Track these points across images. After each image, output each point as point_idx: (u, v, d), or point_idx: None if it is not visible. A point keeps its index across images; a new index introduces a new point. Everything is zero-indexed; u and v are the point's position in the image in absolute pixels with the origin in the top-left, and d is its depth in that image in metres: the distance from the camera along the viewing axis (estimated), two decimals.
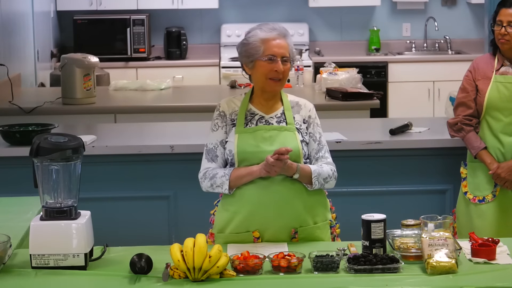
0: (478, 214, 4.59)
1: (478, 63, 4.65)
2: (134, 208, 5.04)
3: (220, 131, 3.71)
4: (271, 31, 3.66)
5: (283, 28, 3.70)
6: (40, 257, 3.26)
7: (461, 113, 4.64)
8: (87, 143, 4.77)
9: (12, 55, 7.45)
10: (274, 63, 3.64)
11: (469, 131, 4.61)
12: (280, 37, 3.66)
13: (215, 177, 3.66)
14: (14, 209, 4.09)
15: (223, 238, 3.68)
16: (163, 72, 8.96)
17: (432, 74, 9.20)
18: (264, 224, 3.63)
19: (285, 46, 3.66)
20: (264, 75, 3.65)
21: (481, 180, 4.61)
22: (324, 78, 6.78)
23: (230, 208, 3.69)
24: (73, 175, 3.33)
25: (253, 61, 3.66)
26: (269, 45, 3.64)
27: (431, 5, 9.73)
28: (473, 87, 4.62)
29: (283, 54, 3.65)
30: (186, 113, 6.30)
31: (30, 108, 6.23)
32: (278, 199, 3.62)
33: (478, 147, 4.57)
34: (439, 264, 3.19)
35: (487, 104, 4.55)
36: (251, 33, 3.69)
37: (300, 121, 3.73)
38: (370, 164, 5.07)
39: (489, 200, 4.57)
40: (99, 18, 9.28)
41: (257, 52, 3.64)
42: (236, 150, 3.64)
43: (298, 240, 3.65)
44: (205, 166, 3.71)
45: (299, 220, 3.66)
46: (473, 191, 4.63)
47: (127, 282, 3.18)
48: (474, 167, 4.64)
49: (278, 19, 9.40)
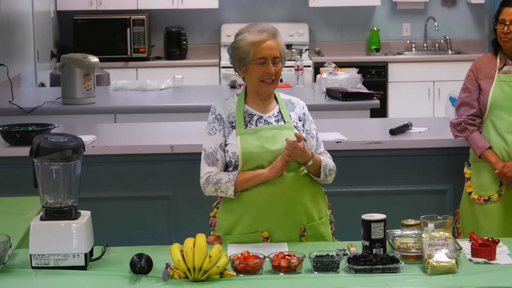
0: (483, 214, 4.56)
1: (480, 63, 4.64)
2: (134, 208, 5.04)
3: (218, 135, 3.69)
4: (260, 34, 3.62)
5: (272, 27, 3.67)
6: (40, 257, 3.26)
7: (464, 113, 4.62)
8: (87, 143, 4.76)
9: (12, 55, 7.45)
10: (266, 65, 3.62)
11: (473, 131, 4.59)
12: (269, 38, 3.63)
13: (219, 182, 3.63)
14: (14, 209, 4.09)
15: (231, 239, 3.67)
16: (163, 72, 8.96)
17: (432, 74, 9.20)
18: (273, 223, 3.63)
19: (275, 46, 3.64)
20: (257, 78, 3.65)
21: (486, 179, 4.58)
22: (324, 78, 6.78)
23: (237, 210, 3.67)
24: (73, 175, 3.33)
25: (245, 64, 3.65)
26: (259, 48, 3.62)
27: (431, 5, 9.73)
28: (476, 86, 4.61)
29: (273, 55, 3.63)
30: (186, 113, 6.30)
31: (30, 108, 6.23)
32: (286, 197, 3.62)
33: (482, 147, 4.54)
34: (439, 264, 3.19)
35: (491, 103, 4.54)
36: (240, 36, 3.66)
37: (296, 119, 3.73)
38: (370, 164, 5.07)
39: (495, 199, 4.55)
40: (99, 18, 9.28)
41: (247, 56, 3.62)
42: (240, 152, 3.63)
43: (307, 239, 3.66)
44: (206, 170, 3.68)
45: (307, 216, 3.67)
46: (478, 191, 4.60)
47: (127, 282, 3.18)
48: (478, 167, 4.61)
49: (278, 19, 9.42)
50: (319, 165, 3.66)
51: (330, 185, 3.85)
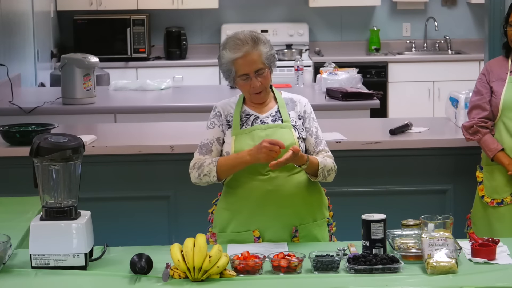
0: (497, 218, 4.52)
1: (492, 66, 4.62)
2: (134, 208, 5.04)
3: (217, 129, 3.70)
4: (238, 49, 3.56)
5: (251, 36, 3.59)
6: (40, 257, 3.26)
7: (476, 115, 4.58)
8: (87, 143, 4.76)
9: (12, 55, 7.45)
10: (249, 80, 3.61)
11: (485, 133, 4.55)
12: (248, 52, 3.56)
13: (202, 165, 3.63)
14: (14, 209, 4.09)
15: (224, 237, 3.68)
16: (163, 72, 8.96)
17: (432, 74, 9.20)
18: (264, 223, 3.64)
19: (256, 58, 3.57)
20: (246, 92, 3.66)
21: (499, 182, 4.54)
22: (324, 78, 6.79)
23: (231, 207, 3.69)
24: (73, 175, 3.33)
25: (232, 79, 3.65)
26: (238, 65, 3.58)
27: (431, 5, 9.73)
28: (488, 89, 4.58)
29: (255, 69, 3.58)
30: (186, 113, 6.30)
31: (30, 108, 6.23)
32: (278, 197, 3.62)
33: (495, 149, 4.51)
34: (439, 264, 3.19)
35: (503, 105, 4.51)
36: (222, 52, 3.63)
37: (295, 117, 3.72)
38: (370, 164, 5.07)
39: (508, 202, 4.51)
40: (99, 18, 9.28)
41: (231, 72, 3.62)
42: (233, 151, 3.64)
43: (299, 240, 3.65)
44: (196, 157, 3.69)
45: (299, 218, 3.67)
46: (491, 194, 4.56)
47: (127, 282, 3.18)
48: (491, 170, 4.58)
49: (278, 19, 9.43)
50: (316, 167, 3.64)
51: (330, 185, 3.85)
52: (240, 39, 3.58)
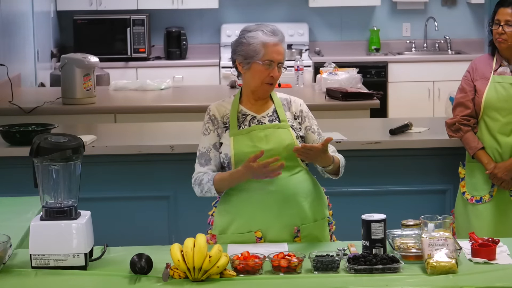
0: (475, 215, 4.59)
1: (477, 64, 4.66)
2: (134, 208, 5.04)
3: (212, 134, 3.70)
4: (273, 36, 3.63)
5: (281, 32, 3.69)
6: (40, 257, 3.26)
7: (459, 113, 4.65)
8: (87, 143, 4.77)
9: (12, 55, 7.45)
10: (271, 68, 3.63)
11: (467, 131, 4.61)
12: (280, 43, 3.65)
13: (201, 183, 3.66)
14: (14, 209, 4.09)
15: (225, 239, 3.67)
16: (163, 72, 8.96)
17: (432, 74, 9.20)
18: (266, 223, 3.64)
19: (283, 52, 3.67)
20: (260, 79, 3.65)
21: (479, 180, 4.61)
22: (324, 78, 6.79)
23: (231, 210, 3.68)
24: (73, 175, 3.33)
25: (250, 62, 3.64)
26: (270, 50, 3.63)
27: (431, 5, 9.73)
28: (472, 87, 4.63)
29: (280, 60, 3.65)
30: (186, 113, 6.30)
31: (30, 108, 6.23)
32: (279, 197, 3.62)
33: (475, 147, 4.57)
34: (439, 264, 3.19)
35: (485, 104, 4.55)
36: (251, 33, 3.64)
37: (291, 118, 3.73)
38: (370, 164, 5.07)
39: (486, 200, 4.58)
40: (99, 18, 9.28)
41: (256, 54, 3.62)
42: (232, 152, 3.64)
43: (301, 240, 3.65)
44: (197, 171, 3.71)
45: (301, 218, 3.67)
46: (471, 191, 4.63)
47: (127, 282, 3.18)
48: (472, 167, 4.65)
49: (278, 19, 9.41)
50: (338, 166, 3.70)
51: (330, 185, 3.85)
52: (273, 28, 3.67)
